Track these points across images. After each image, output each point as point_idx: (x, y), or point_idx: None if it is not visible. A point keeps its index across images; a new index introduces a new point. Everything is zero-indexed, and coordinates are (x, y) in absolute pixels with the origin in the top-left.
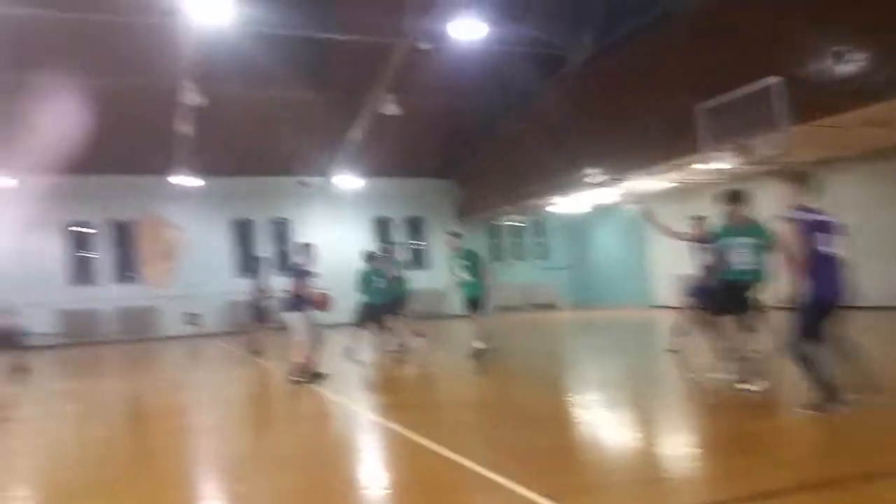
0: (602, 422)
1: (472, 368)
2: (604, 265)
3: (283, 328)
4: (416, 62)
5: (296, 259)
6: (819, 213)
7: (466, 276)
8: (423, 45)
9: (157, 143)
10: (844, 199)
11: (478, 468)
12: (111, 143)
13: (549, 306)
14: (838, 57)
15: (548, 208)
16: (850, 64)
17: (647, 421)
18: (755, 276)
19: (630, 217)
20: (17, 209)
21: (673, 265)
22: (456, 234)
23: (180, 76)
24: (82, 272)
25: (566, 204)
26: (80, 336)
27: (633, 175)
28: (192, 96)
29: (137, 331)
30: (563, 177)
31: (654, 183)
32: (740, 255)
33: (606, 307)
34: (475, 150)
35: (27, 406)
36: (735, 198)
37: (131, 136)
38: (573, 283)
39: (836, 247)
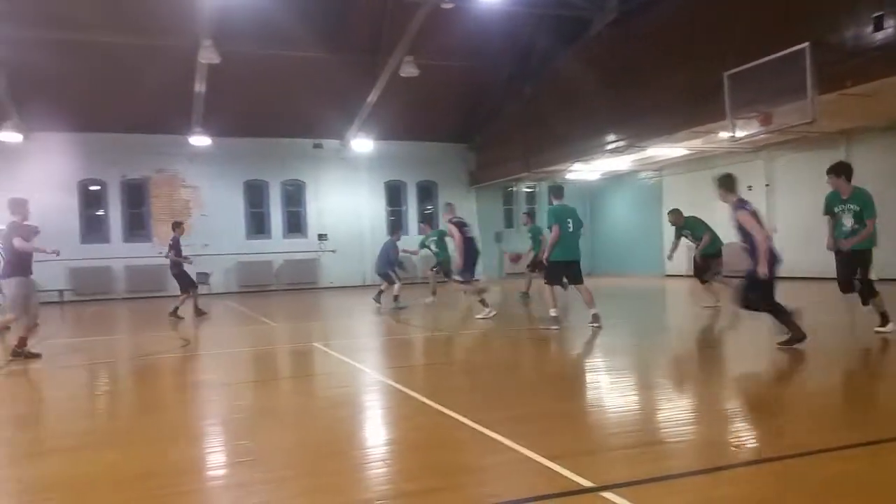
0: (611, 386)
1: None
2: (617, 233)
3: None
4: (437, 22)
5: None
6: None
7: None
8: (446, 4)
9: (173, 103)
10: (866, 171)
11: (482, 429)
12: (126, 101)
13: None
14: (876, 22)
15: (564, 175)
16: (886, 30)
17: (649, 386)
18: None
19: (646, 185)
20: (29, 165)
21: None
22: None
23: (198, 34)
24: (94, 230)
25: (583, 171)
26: (90, 293)
27: (652, 142)
28: (209, 55)
29: (148, 289)
30: (581, 143)
31: (672, 150)
32: None
33: (619, 275)
34: (492, 115)
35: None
36: None
37: (147, 94)
38: (586, 251)
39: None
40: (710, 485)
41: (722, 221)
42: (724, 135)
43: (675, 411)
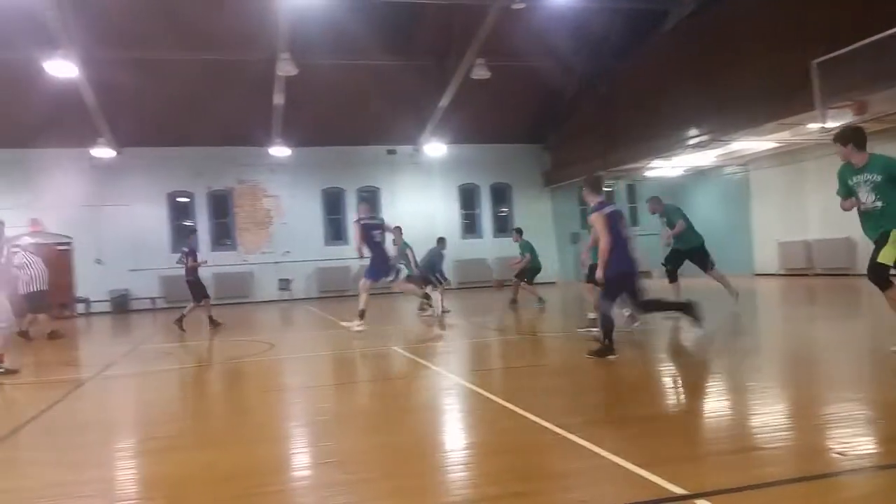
0: (698, 390)
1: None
2: (702, 231)
3: None
4: (507, 23)
5: None
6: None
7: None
8: (517, 5)
9: (254, 115)
10: None
11: (565, 433)
12: (210, 116)
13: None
14: None
15: (643, 172)
16: None
17: (739, 390)
18: None
19: (732, 180)
20: (122, 179)
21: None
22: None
23: (275, 48)
24: (182, 239)
25: (663, 167)
26: (180, 300)
27: (737, 136)
28: (286, 67)
29: (233, 295)
30: (661, 139)
31: (759, 144)
32: None
33: (706, 275)
34: (566, 114)
35: (132, 361)
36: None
37: (229, 108)
38: (667, 250)
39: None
40: (811, 493)
41: (814, 216)
42: (813, 126)
43: (770, 416)
